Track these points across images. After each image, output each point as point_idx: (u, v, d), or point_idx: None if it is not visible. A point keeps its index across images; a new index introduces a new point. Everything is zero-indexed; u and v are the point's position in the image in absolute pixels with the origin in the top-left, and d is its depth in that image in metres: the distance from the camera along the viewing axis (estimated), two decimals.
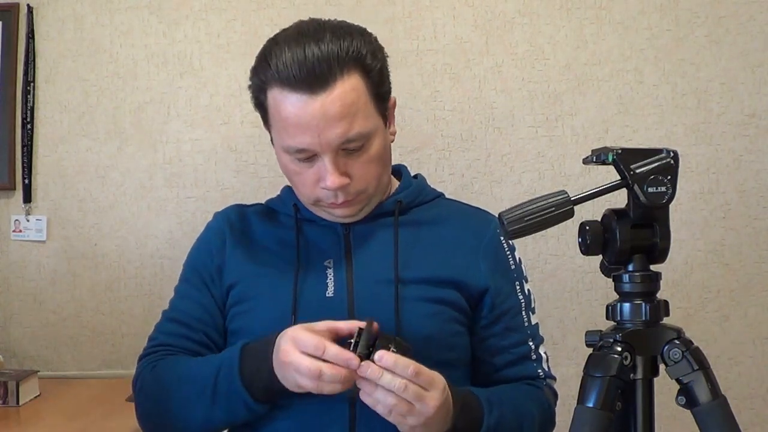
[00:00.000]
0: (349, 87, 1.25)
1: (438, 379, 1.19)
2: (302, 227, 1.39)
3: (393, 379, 1.13)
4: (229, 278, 1.38)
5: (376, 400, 1.16)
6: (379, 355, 1.14)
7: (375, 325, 1.18)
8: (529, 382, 1.39)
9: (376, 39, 1.32)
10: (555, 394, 1.43)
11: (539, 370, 1.40)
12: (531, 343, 1.40)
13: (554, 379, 1.44)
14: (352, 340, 1.16)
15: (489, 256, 1.39)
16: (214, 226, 1.46)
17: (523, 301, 1.41)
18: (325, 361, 1.15)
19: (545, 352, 1.43)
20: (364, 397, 1.17)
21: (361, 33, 1.30)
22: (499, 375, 1.39)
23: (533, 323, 1.42)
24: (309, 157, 1.28)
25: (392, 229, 1.37)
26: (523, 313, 1.41)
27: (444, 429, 1.22)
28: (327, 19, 1.31)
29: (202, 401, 1.27)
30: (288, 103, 1.25)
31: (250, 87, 1.33)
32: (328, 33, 1.26)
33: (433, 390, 1.17)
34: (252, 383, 1.24)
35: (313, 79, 1.23)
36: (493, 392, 1.32)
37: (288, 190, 1.45)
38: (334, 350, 1.15)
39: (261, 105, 1.32)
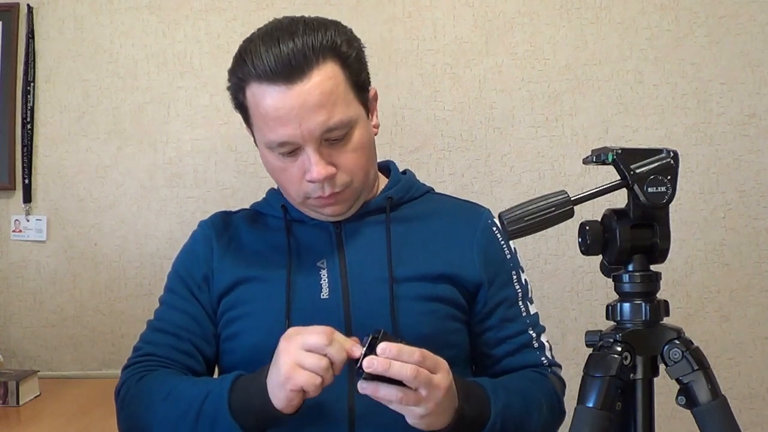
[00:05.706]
0: (326, 75, 1.24)
1: (442, 361, 1.15)
2: (292, 228, 1.37)
3: (402, 367, 1.09)
4: (219, 286, 1.36)
5: (382, 395, 1.12)
6: (382, 347, 1.09)
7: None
8: (534, 370, 1.37)
9: (351, 30, 1.32)
10: (562, 382, 1.40)
11: (543, 358, 1.38)
12: (532, 332, 1.39)
13: (560, 366, 1.42)
14: (363, 350, 1.11)
15: (482, 247, 1.38)
16: (200, 234, 1.43)
17: (519, 291, 1.40)
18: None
19: (548, 341, 1.41)
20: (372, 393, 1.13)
21: (335, 24, 1.30)
22: (500, 366, 1.37)
23: (532, 313, 1.40)
24: (292, 150, 1.27)
25: (384, 226, 1.36)
26: (521, 303, 1.40)
27: (450, 417, 1.17)
28: (300, 15, 1.31)
29: (185, 423, 1.22)
30: (267, 96, 1.24)
31: (229, 88, 1.32)
32: (301, 26, 1.26)
33: (440, 372, 1.14)
34: (240, 410, 1.18)
35: (289, 70, 1.23)
36: (498, 381, 1.31)
37: (273, 192, 1.44)
38: (341, 336, 1.14)
39: (241, 105, 1.32)
